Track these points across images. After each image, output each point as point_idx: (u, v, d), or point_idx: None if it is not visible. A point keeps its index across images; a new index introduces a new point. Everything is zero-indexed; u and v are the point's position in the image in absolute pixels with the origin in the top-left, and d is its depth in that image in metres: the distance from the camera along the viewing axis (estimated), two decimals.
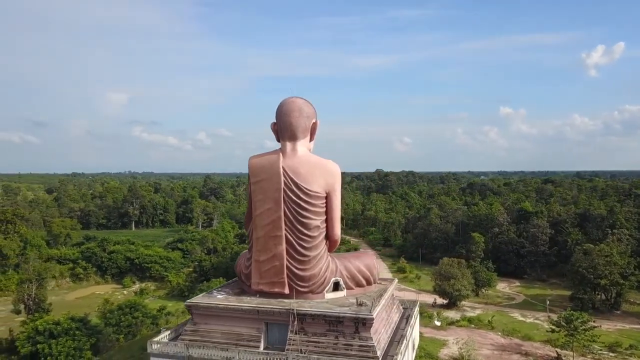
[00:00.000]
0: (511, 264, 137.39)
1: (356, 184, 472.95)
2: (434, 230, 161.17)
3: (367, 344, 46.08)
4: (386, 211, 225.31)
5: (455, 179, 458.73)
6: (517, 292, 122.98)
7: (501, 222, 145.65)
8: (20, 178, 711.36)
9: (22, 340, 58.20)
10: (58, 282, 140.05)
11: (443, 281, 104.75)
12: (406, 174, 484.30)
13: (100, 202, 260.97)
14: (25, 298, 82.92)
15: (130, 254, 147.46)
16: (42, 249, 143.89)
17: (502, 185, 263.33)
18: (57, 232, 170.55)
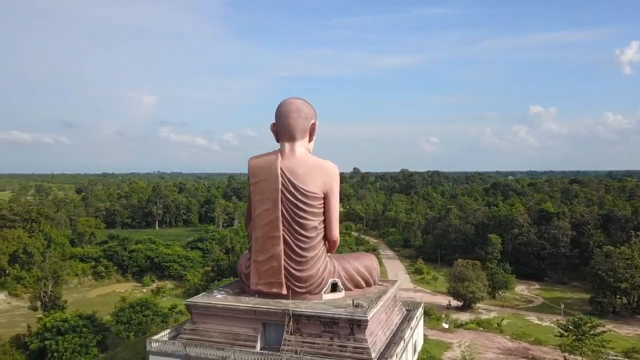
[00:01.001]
0: (531, 266, 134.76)
1: (380, 184, 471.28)
2: (453, 231, 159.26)
3: (361, 346, 45.78)
4: (406, 212, 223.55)
5: (480, 179, 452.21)
6: (535, 295, 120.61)
7: (521, 223, 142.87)
8: (52, 178, 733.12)
9: (31, 336, 60.13)
10: (80, 280, 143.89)
11: (457, 283, 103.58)
12: (431, 174, 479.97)
13: (126, 202, 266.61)
14: (41, 295, 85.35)
15: (151, 252, 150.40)
16: (65, 248, 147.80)
17: (527, 186, 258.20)
18: (82, 231, 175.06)
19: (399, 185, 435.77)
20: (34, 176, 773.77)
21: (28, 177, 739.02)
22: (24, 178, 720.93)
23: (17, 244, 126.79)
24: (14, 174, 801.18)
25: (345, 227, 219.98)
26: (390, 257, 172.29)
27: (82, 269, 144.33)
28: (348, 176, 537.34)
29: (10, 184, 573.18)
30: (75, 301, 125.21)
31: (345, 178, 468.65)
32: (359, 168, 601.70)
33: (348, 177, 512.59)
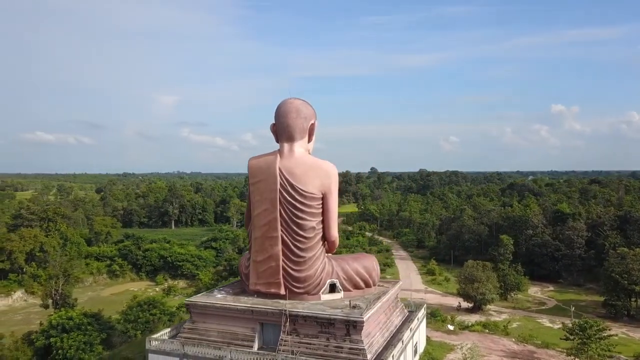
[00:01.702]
0: (545, 267, 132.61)
1: (396, 184, 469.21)
2: (466, 232, 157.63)
3: (357, 347, 45.62)
4: (421, 212, 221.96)
5: (499, 179, 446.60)
6: (549, 297, 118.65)
7: (535, 224, 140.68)
8: (74, 178, 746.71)
9: (37, 333, 61.36)
10: (95, 279, 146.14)
11: (467, 284, 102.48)
12: (449, 174, 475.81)
13: (143, 202, 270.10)
14: (52, 293, 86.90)
15: (164, 252, 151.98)
16: (80, 246, 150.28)
17: (544, 186, 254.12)
18: (98, 230, 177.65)
19: (416, 185, 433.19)
20: (57, 176, 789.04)
21: (51, 177, 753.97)
22: (47, 178, 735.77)
23: (34, 242, 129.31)
24: (38, 174, 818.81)
25: (359, 228, 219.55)
26: (403, 258, 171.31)
27: (97, 267, 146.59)
28: (365, 176, 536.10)
29: (34, 183, 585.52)
30: (89, 299, 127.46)
31: (361, 178, 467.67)
32: (376, 168, 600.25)
33: (365, 177, 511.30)
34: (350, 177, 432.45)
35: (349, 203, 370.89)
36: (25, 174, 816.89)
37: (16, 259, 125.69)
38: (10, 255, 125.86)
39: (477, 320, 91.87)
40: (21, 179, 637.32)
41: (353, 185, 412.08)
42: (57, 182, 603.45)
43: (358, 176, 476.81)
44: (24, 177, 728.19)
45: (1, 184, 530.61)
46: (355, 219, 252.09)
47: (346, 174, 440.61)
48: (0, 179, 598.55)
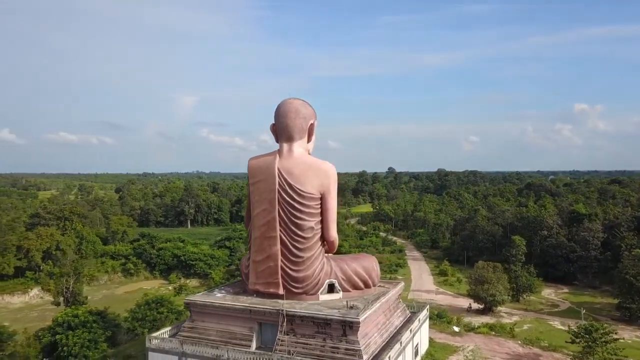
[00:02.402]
0: (560, 269, 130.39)
1: (414, 184, 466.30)
2: (480, 232, 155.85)
3: (353, 348, 45.50)
4: (435, 212, 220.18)
5: (518, 178, 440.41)
6: (562, 299, 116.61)
7: (550, 224, 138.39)
8: (96, 178, 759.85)
9: (44, 331, 62.58)
10: (110, 277, 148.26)
11: (477, 286, 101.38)
12: (467, 174, 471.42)
13: (160, 201, 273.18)
14: (63, 291, 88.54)
15: (178, 251, 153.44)
16: (96, 245, 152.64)
17: (562, 186, 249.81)
18: (115, 229, 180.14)
19: (433, 185, 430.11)
20: (79, 176, 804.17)
21: (73, 177, 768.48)
22: (70, 178, 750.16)
23: (50, 241, 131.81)
24: (60, 174, 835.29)
25: (373, 228, 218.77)
26: (417, 259, 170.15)
27: (112, 266, 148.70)
28: (382, 176, 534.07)
29: (56, 183, 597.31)
30: (103, 297, 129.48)
31: (378, 178, 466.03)
32: (394, 168, 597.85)
33: (382, 177, 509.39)
34: (366, 177, 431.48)
35: (364, 203, 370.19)
36: (49, 173, 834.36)
37: (33, 257, 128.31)
38: (28, 254, 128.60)
39: (486, 322, 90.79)
40: (44, 179, 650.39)
41: (369, 185, 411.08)
42: (79, 181, 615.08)
43: (374, 176, 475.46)
44: (47, 177, 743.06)
45: (25, 184, 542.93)
46: (370, 219, 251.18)
47: (362, 174, 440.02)
48: (24, 178, 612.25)
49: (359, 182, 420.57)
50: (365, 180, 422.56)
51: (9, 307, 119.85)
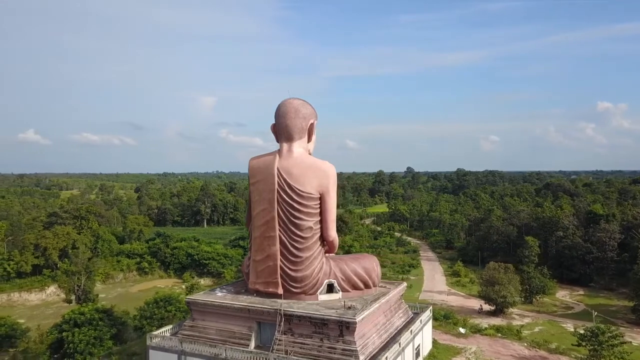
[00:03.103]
0: (575, 270, 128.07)
1: (431, 184, 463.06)
2: (494, 233, 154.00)
3: (350, 348, 45.35)
4: (451, 212, 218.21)
5: (538, 178, 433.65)
6: (577, 301, 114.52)
7: (566, 225, 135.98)
8: (117, 177, 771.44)
9: (51, 328, 63.84)
10: (125, 275, 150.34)
11: (488, 287, 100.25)
12: (486, 174, 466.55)
13: (177, 201, 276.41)
14: (75, 289, 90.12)
15: (192, 250, 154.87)
16: (112, 244, 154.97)
17: (582, 186, 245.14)
18: (131, 228, 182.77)
19: (451, 185, 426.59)
20: (100, 176, 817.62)
21: (95, 177, 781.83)
22: (92, 177, 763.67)
23: (67, 240, 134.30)
24: (83, 174, 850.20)
25: (388, 228, 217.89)
26: (431, 259, 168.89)
27: (127, 264, 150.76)
28: (401, 176, 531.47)
29: (78, 183, 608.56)
30: (118, 295, 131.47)
31: (395, 178, 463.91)
32: (412, 168, 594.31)
33: (400, 177, 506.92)
34: (382, 177, 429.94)
35: (381, 203, 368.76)
36: (72, 173, 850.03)
37: (50, 256, 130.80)
38: (45, 252, 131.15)
39: (497, 323, 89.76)
40: (67, 179, 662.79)
41: (386, 185, 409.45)
42: (101, 181, 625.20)
43: (392, 176, 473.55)
44: (70, 176, 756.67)
45: (48, 184, 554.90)
46: (386, 219, 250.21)
47: (379, 174, 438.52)
48: (48, 178, 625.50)
49: (375, 182, 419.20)
50: (382, 180, 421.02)
51: (26, 304, 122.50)
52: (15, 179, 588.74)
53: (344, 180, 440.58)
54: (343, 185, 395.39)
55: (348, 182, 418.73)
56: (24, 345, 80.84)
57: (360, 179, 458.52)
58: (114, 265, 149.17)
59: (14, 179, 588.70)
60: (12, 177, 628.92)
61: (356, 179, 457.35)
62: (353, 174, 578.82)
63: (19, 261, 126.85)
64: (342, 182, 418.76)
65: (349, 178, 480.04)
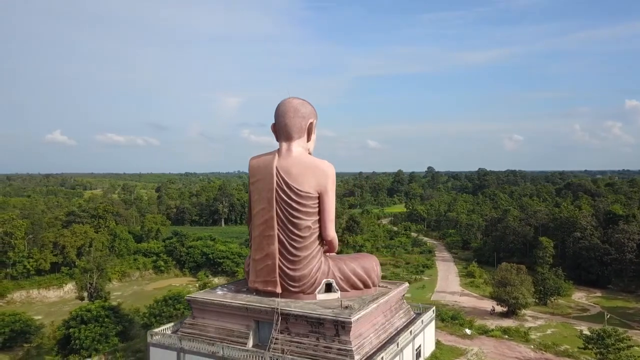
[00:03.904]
0: (593, 272, 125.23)
1: (451, 184, 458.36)
2: (510, 233, 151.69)
3: (345, 348, 45.27)
4: (468, 212, 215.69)
5: (561, 178, 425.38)
6: (593, 304, 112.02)
7: (584, 226, 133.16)
8: (140, 177, 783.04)
9: (54, 324, 65.17)
10: (142, 273, 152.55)
11: (500, 288, 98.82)
12: (507, 174, 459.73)
13: (196, 200, 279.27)
14: (87, 286, 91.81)
15: (207, 249, 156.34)
16: (129, 242, 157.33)
17: (604, 186, 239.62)
18: (149, 227, 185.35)
19: (472, 185, 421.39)
20: (124, 176, 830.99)
21: (119, 177, 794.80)
22: (116, 177, 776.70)
23: (84, 238, 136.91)
24: (107, 173, 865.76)
25: (404, 228, 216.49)
26: (446, 259, 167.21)
27: (144, 263, 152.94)
28: (421, 176, 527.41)
29: (102, 182, 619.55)
30: (133, 293, 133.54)
31: (414, 178, 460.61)
32: (433, 167, 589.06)
33: (420, 177, 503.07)
34: (401, 177, 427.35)
35: (400, 203, 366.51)
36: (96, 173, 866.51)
37: (68, 254, 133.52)
38: (63, 250, 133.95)
39: (509, 325, 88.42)
40: (91, 179, 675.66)
41: (405, 185, 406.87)
42: (124, 181, 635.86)
43: (411, 176, 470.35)
44: (95, 176, 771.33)
45: (72, 183, 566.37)
46: (403, 220, 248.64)
47: (398, 174, 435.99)
48: (73, 178, 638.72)
49: (394, 182, 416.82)
50: (401, 180, 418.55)
51: (45, 300, 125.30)
52: (42, 179, 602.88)
53: (363, 180, 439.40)
54: (361, 185, 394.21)
55: (366, 182, 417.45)
56: (38, 341, 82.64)
57: (379, 179, 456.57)
58: (130, 263, 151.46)
59: (40, 179, 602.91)
60: (39, 177, 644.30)
61: (374, 179, 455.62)
62: (373, 173, 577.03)
63: (38, 259, 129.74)
64: (361, 182, 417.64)
65: (367, 178, 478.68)
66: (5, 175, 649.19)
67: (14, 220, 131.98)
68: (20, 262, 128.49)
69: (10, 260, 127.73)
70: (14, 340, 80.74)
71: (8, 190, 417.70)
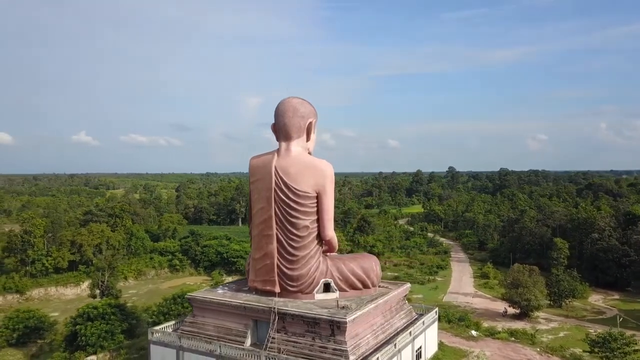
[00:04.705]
0: (611, 274, 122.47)
1: (472, 184, 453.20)
2: (527, 234, 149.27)
3: (340, 348, 45.10)
4: (485, 213, 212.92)
5: (584, 178, 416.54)
6: (610, 306, 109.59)
7: (602, 227, 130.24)
8: (162, 177, 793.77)
9: (66, 321, 66.52)
10: (157, 272, 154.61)
11: (511, 289, 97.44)
12: (529, 174, 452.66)
13: (214, 200, 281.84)
14: (99, 284, 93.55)
15: (221, 248, 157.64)
16: (145, 241, 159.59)
17: (627, 186, 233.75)
18: (166, 226, 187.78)
19: (492, 185, 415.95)
20: (147, 175, 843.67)
21: (142, 177, 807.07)
22: (138, 177, 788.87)
23: (101, 237, 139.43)
24: (130, 174, 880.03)
25: (421, 228, 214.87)
26: (461, 260, 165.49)
27: (159, 261, 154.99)
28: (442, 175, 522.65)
29: (125, 182, 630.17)
30: (148, 291, 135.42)
31: (434, 178, 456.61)
32: (454, 167, 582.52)
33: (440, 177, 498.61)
34: (420, 177, 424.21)
35: (419, 203, 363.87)
36: (120, 173, 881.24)
37: (85, 252, 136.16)
38: (80, 248, 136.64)
39: (521, 327, 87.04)
40: (114, 179, 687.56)
41: (424, 185, 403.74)
42: (146, 181, 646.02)
43: (431, 176, 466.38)
44: (119, 176, 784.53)
45: (96, 183, 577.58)
46: (421, 220, 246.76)
47: (417, 174, 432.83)
48: (97, 178, 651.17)
49: (413, 182, 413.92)
50: (420, 180, 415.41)
51: (62, 298, 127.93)
52: (67, 179, 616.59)
53: (381, 180, 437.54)
54: (379, 185, 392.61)
55: (385, 182, 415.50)
56: (51, 337, 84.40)
57: (397, 179, 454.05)
58: (146, 262, 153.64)
59: (65, 179, 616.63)
60: (64, 177, 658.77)
61: (393, 179, 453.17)
62: (393, 174, 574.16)
63: (56, 257, 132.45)
64: (379, 182, 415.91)
65: (385, 178, 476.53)
66: (32, 175, 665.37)
67: (33, 219, 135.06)
68: (39, 260, 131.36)
69: (29, 258, 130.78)
70: (27, 337, 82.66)
71: (34, 190, 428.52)
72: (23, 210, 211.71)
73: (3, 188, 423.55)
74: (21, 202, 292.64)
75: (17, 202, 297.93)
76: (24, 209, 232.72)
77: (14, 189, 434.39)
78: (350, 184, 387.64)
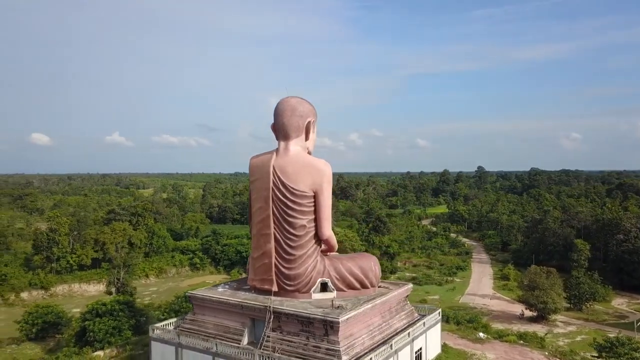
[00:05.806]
0: (637, 277, 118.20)
1: (500, 184, 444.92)
2: (550, 235, 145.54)
3: (333, 348, 45.05)
4: (509, 213, 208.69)
5: (617, 178, 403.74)
6: (634, 310, 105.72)
7: (628, 228, 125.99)
8: (191, 177, 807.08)
9: (76, 318, 68.27)
10: (178, 270, 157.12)
11: (528, 292, 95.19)
12: (559, 174, 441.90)
13: (239, 199, 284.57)
14: (115, 282, 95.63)
15: (241, 247, 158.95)
16: (167, 240, 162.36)
17: None
18: (189, 225, 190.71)
19: (521, 185, 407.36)
20: (176, 175, 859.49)
21: (171, 176, 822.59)
22: (168, 177, 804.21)
23: (123, 236, 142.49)
24: (160, 173, 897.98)
25: (443, 229, 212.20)
26: (483, 261, 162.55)
27: (180, 260, 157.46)
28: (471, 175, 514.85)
29: (154, 182, 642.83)
30: (168, 289, 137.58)
31: (461, 177, 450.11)
32: (483, 167, 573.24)
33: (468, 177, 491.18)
34: (447, 177, 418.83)
35: (445, 203, 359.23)
36: (151, 173, 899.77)
37: (108, 250, 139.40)
38: (103, 246, 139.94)
39: (537, 330, 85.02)
40: (145, 178, 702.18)
41: (451, 185, 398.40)
42: (175, 180, 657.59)
43: (459, 175, 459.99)
44: (149, 176, 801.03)
45: (127, 183, 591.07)
46: (445, 220, 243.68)
47: (444, 174, 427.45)
48: (128, 178, 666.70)
49: (439, 182, 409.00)
50: (446, 180, 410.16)
51: (85, 294, 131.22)
52: (99, 179, 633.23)
53: (407, 180, 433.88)
54: (405, 185, 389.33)
55: (410, 182, 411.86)
56: (70, 332, 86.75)
57: (424, 179, 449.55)
58: (168, 260, 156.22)
59: (97, 179, 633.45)
60: (97, 176, 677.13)
61: (419, 179, 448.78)
62: (421, 173, 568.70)
63: (80, 254, 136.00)
64: (404, 182, 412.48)
65: (412, 178, 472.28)
66: (66, 175, 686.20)
67: (58, 218, 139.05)
68: (63, 257, 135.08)
69: (54, 256, 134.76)
70: (46, 331, 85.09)
71: (67, 190, 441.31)
72: (54, 209, 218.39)
73: (39, 188, 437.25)
74: (54, 201, 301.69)
75: (49, 201, 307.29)
76: (55, 208, 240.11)
77: (48, 189, 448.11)
78: (374, 184, 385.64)
